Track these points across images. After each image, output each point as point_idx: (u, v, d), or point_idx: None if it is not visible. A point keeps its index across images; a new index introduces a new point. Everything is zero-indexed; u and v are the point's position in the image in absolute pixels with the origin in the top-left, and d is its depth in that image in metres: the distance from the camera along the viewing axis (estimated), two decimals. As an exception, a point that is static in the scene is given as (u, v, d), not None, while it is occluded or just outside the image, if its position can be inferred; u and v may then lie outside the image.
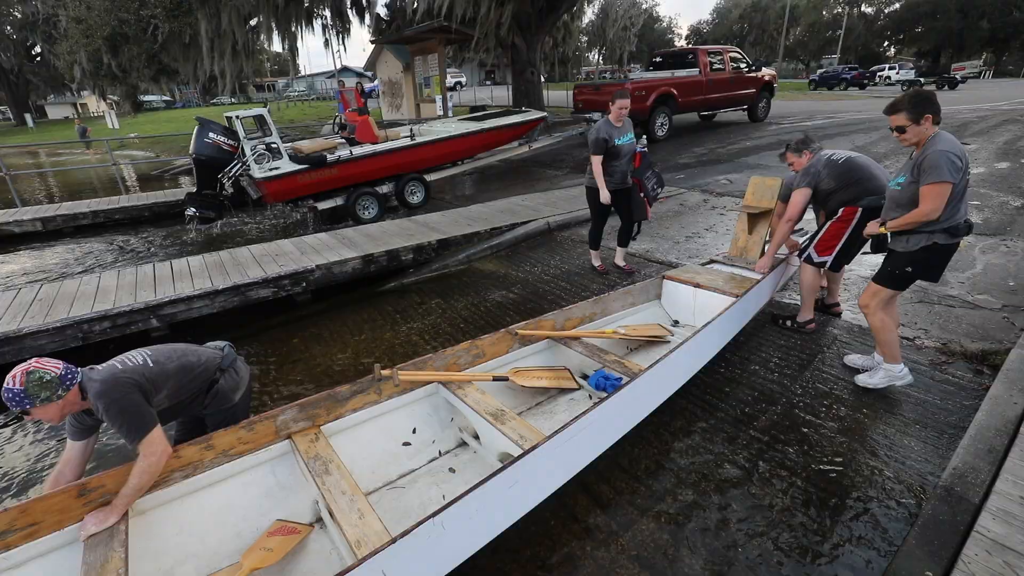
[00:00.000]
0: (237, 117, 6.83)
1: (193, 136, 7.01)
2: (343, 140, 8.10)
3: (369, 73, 25.16)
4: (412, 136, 8.43)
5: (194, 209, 7.29)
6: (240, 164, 7.03)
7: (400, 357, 3.83)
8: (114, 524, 2.01)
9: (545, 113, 10.69)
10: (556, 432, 2.25)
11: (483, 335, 3.21)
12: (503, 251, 6.21)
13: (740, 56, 13.17)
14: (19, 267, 7.31)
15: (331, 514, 2.08)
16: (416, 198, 8.59)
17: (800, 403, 3.18)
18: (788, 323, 3.96)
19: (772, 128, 13.33)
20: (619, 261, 5.26)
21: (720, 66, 12.50)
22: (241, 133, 6.87)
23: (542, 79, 17.77)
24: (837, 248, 3.59)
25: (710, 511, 2.50)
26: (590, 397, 3.20)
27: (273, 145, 6.98)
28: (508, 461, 2.10)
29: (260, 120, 7.03)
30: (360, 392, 2.72)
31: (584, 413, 2.36)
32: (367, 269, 5.48)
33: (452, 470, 2.76)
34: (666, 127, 12.05)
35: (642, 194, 4.83)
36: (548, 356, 3.45)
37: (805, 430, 2.95)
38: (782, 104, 19.51)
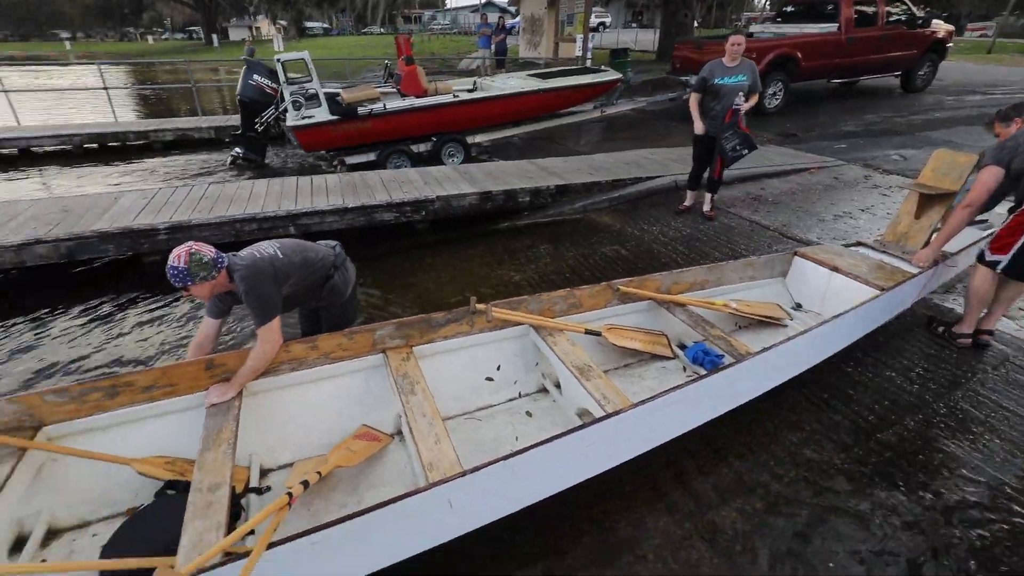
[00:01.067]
0: (279, 60, 6.51)
1: (241, 77, 7.14)
2: (394, 90, 7.55)
3: (513, 8, 24.63)
4: (473, 89, 7.92)
5: (239, 150, 7.70)
6: (275, 110, 6.98)
7: (500, 295, 3.88)
8: (231, 399, 2.32)
9: (621, 75, 9.22)
10: (644, 401, 2.15)
11: (583, 285, 3.12)
12: (622, 205, 5.94)
13: (904, 5, 10.12)
14: (197, 167, 8.50)
15: (410, 432, 2.20)
16: (455, 162, 7.58)
17: (941, 424, 2.73)
18: (941, 329, 3.36)
19: (975, 98, 10.96)
20: (704, 207, 5.40)
21: (870, 19, 9.63)
22: (282, 77, 6.54)
23: (695, 23, 16.16)
24: (1016, 246, 2.90)
25: (804, 518, 2.28)
26: (684, 370, 3.03)
27: (312, 92, 6.62)
28: (589, 420, 2.07)
29: (301, 65, 6.64)
30: (453, 321, 2.79)
31: (679, 387, 2.22)
32: (483, 206, 5.55)
33: (529, 414, 2.79)
34: (778, 98, 9.60)
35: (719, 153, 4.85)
36: (647, 318, 3.27)
37: (941, 456, 2.54)
38: (991, 70, 15.87)
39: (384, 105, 6.97)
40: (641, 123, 10.49)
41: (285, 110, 6.66)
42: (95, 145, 9.53)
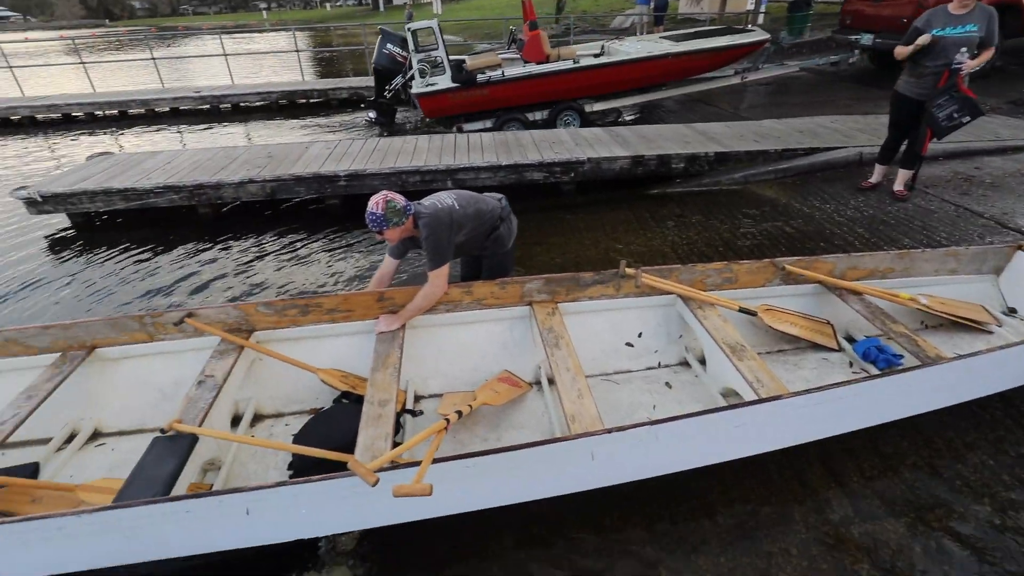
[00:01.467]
0: (408, 29, 6.79)
1: (376, 45, 7.34)
2: (517, 57, 7.41)
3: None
4: (599, 54, 7.49)
5: (374, 114, 8.10)
6: (403, 77, 7.30)
7: (644, 263, 3.80)
8: (396, 329, 2.60)
9: (767, 35, 8.03)
10: (805, 392, 1.99)
11: (742, 260, 2.91)
12: (790, 178, 5.35)
13: None
14: (364, 121, 9.38)
15: (552, 383, 2.29)
16: None
17: None
18: None
19: None
20: (896, 185, 4.73)
21: None
22: (411, 45, 6.89)
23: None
24: None
25: (993, 557, 1.96)
26: (850, 365, 2.71)
27: (438, 60, 6.87)
28: (740, 402, 1.98)
29: (429, 32, 6.82)
30: (600, 283, 2.81)
31: (848, 383, 2.02)
32: (634, 170, 5.38)
33: (668, 385, 2.73)
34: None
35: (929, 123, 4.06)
36: (811, 303, 2.97)
37: None
38: None
39: (503, 72, 7.05)
40: (821, 86, 9.23)
41: (412, 77, 7.06)
42: (286, 101, 10.94)
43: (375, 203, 2.34)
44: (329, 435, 2.19)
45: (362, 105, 10.17)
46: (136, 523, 1.69)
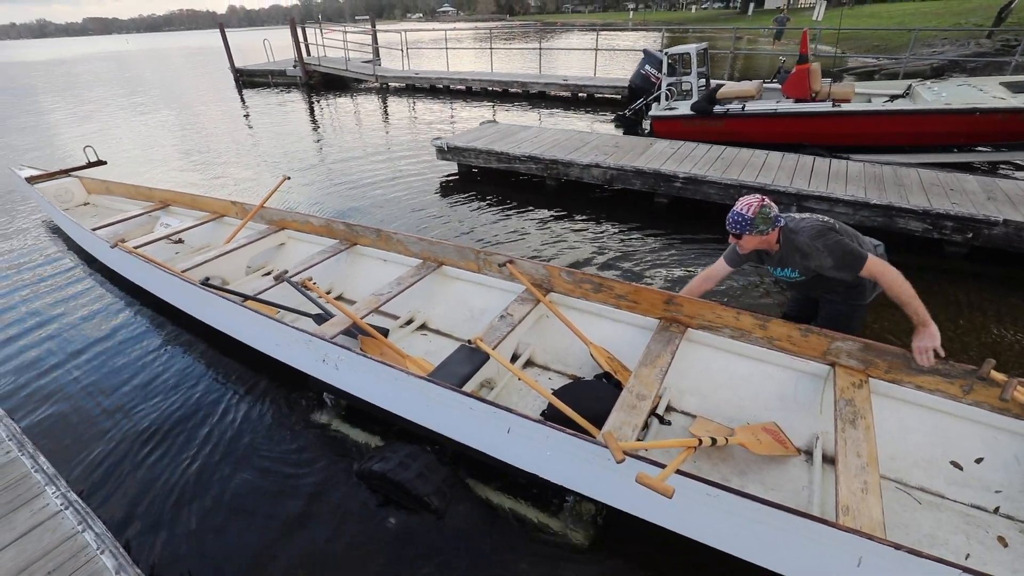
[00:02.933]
0: (666, 53, 7.25)
1: (637, 65, 7.81)
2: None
3: None
4: (900, 96, 6.59)
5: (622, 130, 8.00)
6: (645, 99, 7.65)
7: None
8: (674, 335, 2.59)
9: None
10: None
11: None
12: None
13: None
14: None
15: (829, 461, 1.97)
16: None
17: None
18: None
19: None
20: None
21: None
22: (664, 70, 7.31)
23: None
24: None
25: None
26: None
27: (687, 86, 7.19)
28: None
29: (689, 57, 7.08)
30: (942, 375, 2.18)
31: None
32: (1079, 251, 3.84)
33: (1003, 541, 1.97)
34: None
35: None
36: None
37: None
38: None
39: (743, 106, 6.69)
40: None
41: (656, 99, 7.35)
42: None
43: (747, 205, 2.20)
44: (581, 403, 2.29)
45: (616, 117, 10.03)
46: (435, 397, 2.21)
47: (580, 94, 12.04)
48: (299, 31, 15.96)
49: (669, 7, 75.88)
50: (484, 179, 6.68)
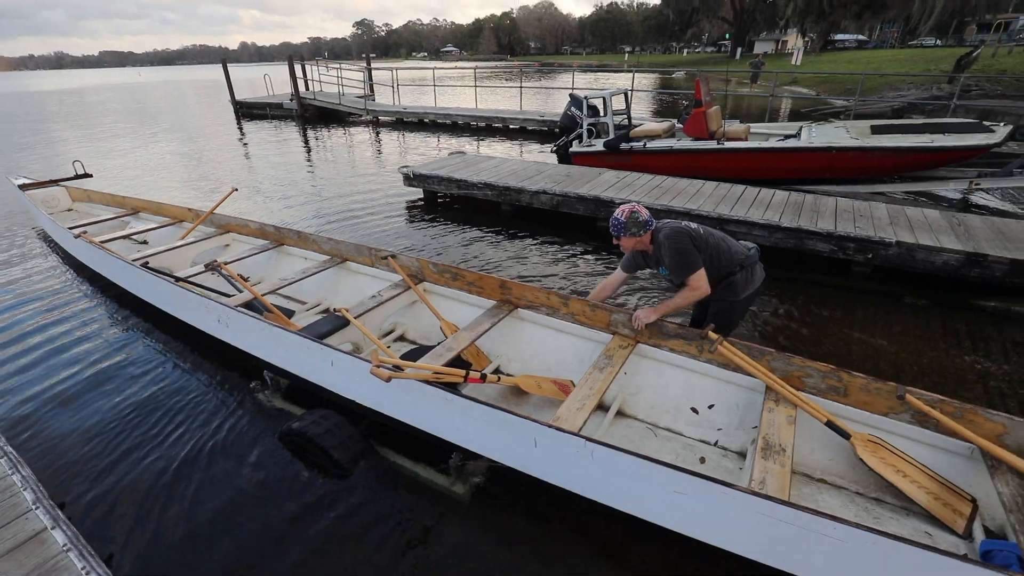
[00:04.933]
0: (585, 98, 8.11)
1: (564, 107, 8.54)
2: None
3: None
4: (795, 136, 7.46)
5: (561, 159, 8.58)
6: (566, 137, 8.38)
7: (929, 385, 3.02)
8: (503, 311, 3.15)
9: (997, 137, 6.44)
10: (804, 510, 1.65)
11: (857, 373, 2.34)
12: None
13: None
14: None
15: (604, 408, 2.63)
16: None
17: None
18: None
19: None
20: None
21: None
22: (584, 112, 8.05)
23: None
24: None
25: None
26: (963, 556, 1.62)
27: (602, 123, 8.05)
28: (716, 479, 1.77)
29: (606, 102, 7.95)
30: (683, 338, 2.71)
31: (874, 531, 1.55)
32: (965, 271, 4.20)
33: (702, 460, 2.46)
34: None
35: None
36: (955, 465, 2.16)
37: None
38: None
39: (644, 144, 7.55)
40: None
41: (578, 136, 8.17)
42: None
43: (621, 211, 2.59)
44: (415, 357, 2.77)
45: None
46: (297, 346, 2.78)
47: (556, 129, 12.64)
48: (297, 67, 16.81)
49: (664, 50, 78.90)
50: (447, 204, 7.12)
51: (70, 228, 4.76)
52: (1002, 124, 6.92)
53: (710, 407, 2.67)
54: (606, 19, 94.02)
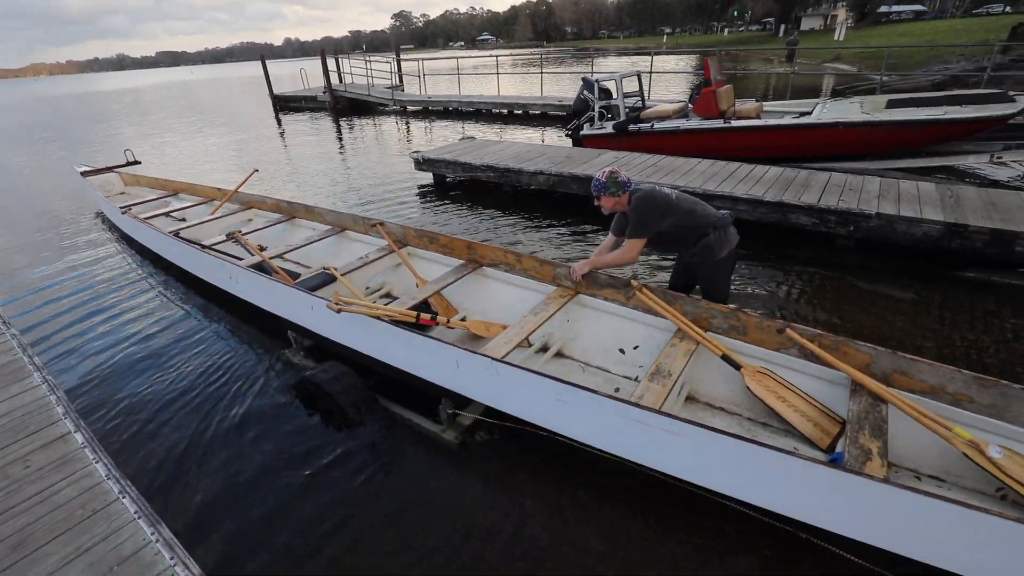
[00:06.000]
0: (596, 81, 8.09)
1: (577, 91, 8.50)
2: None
3: None
4: (810, 113, 7.28)
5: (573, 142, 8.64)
6: (578, 120, 8.38)
7: (903, 348, 3.17)
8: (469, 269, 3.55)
9: (1016, 107, 6.19)
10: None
11: (752, 312, 2.60)
12: None
13: None
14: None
15: (544, 349, 3.11)
16: None
17: None
18: None
19: None
20: None
21: None
22: (595, 95, 8.07)
23: None
24: None
25: None
26: (791, 451, 1.85)
27: (614, 106, 8.00)
28: (616, 396, 2.06)
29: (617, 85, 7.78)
30: (613, 287, 3.04)
31: (787, 453, 1.77)
32: (946, 242, 4.20)
33: (617, 390, 2.74)
34: None
35: None
36: (836, 394, 2.38)
37: None
38: None
39: (652, 125, 7.54)
40: None
41: (589, 119, 8.22)
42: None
43: (602, 172, 2.77)
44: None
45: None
46: (291, 296, 3.23)
47: (569, 113, 12.74)
48: (329, 61, 17.48)
49: (705, 30, 76.22)
50: (456, 187, 7.46)
51: (120, 208, 5.47)
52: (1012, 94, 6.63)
53: (635, 348, 2.96)
54: (644, 0, 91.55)
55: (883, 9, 47.23)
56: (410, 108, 16.53)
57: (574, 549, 2.14)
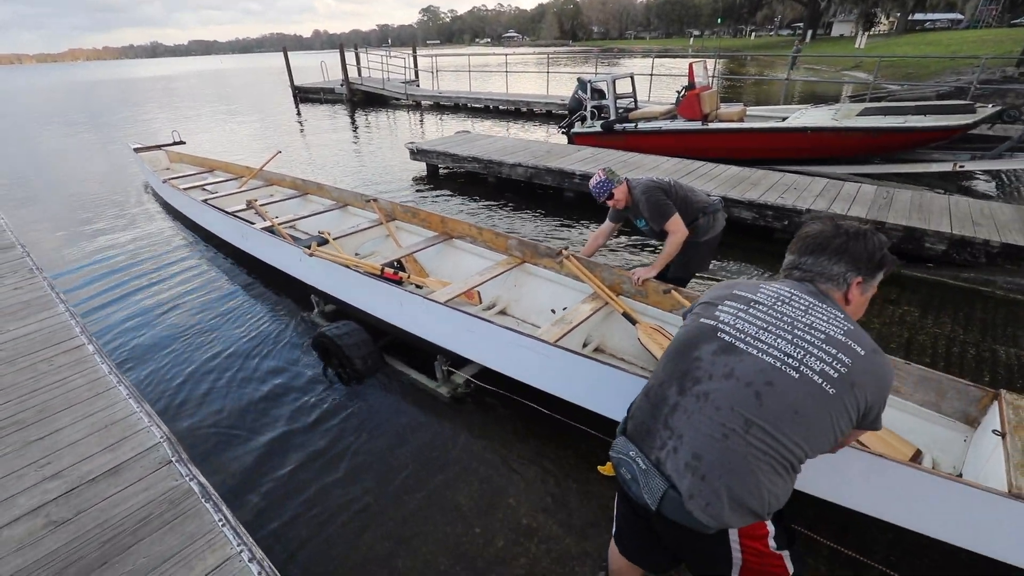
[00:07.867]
0: (589, 82, 8.61)
1: (572, 90, 9.01)
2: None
3: None
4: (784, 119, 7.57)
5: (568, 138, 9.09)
6: (571, 118, 8.87)
7: None
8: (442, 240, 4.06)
9: (974, 117, 6.56)
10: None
11: (653, 280, 3.05)
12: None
13: None
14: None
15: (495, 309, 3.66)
16: None
17: None
18: None
19: None
20: None
21: None
22: (587, 95, 8.55)
23: None
24: None
25: None
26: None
27: (604, 106, 8.46)
28: (516, 329, 2.58)
29: (608, 85, 8.34)
30: (549, 257, 3.54)
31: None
32: (868, 238, 4.59)
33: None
34: None
35: None
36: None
37: None
38: None
39: (635, 125, 8.05)
40: None
41: (581, 118, 8.75)
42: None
43: (597, 174, 3.00)
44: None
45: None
46: (288, 252, 3.91)
47: (565, 111, 13.18)
48: (350, 55, 18.19)
49: (734, 33, 75.39)
50: (447, 176, 8.02)
51: (163, 179, 6.39)
52: (991, 106, 6.90)
53: (564, 309, 3.43)
54: (673, 1, 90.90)
55: (918, 16, 46.25)
56: (423, 103, 17.14)
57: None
